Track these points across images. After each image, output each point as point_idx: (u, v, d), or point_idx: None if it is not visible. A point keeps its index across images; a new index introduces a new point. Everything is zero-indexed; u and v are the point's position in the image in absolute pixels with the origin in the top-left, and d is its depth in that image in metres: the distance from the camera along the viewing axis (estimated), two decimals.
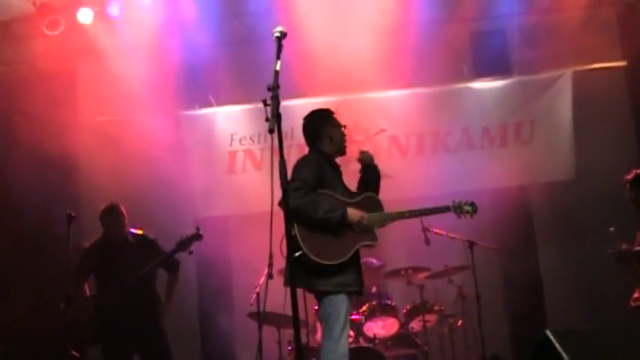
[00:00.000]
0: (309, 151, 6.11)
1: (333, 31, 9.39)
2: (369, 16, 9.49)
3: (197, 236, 7.61)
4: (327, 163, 5.98)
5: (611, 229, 6.88)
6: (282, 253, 5.54)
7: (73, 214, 7.37)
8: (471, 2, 10.10)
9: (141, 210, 8.55)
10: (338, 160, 6.23)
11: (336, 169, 6.13)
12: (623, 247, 6.70)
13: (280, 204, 4.96)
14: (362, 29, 9.43)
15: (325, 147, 6.08)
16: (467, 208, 6.36)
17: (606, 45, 9.86)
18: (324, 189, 5.79)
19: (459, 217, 6.35)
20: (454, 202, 6.32)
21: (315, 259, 5.53)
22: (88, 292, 7.87)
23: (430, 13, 9.84)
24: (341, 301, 5.65)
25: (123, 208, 7.86)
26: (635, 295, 7.05)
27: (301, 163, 5.90)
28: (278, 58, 4.39)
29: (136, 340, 7.58)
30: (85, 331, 7.64)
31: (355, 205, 5.84)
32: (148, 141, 9.60)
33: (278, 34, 4.54)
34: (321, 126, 6.11)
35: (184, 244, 7.59)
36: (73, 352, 7.80)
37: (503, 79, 9.98)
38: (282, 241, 5.21)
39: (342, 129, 6.14)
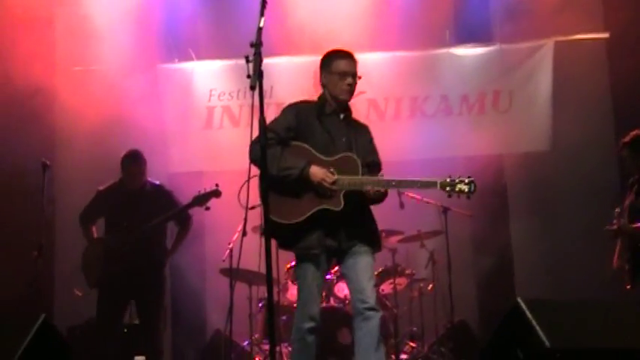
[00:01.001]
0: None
1: None
2: None
3: (216, 192, 7.59)
4: (316, 111, 5.59)
5: (617, 209, 6.90)
6: (239, 202, 5.61)
7: (47, 163, 7.34)
8: None
9: (115, 162, 8.50)
10: None
11: (334, 118, 5.63)
12: (623, 224, 6.73)
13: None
14: None
15: (323, 94, 5.71)
16: (462, 187, 5.50)
17: (589, 16, 9.84)
18: (301, 140, 5.48)
19: (450, 196, 5.54)
20: (450, 177, 5.51)
21: (272, 216, 5.22)
22: (94, 235, 7.88)
23: None
24: (304, 264, 5.49)
25: (144, 156, 7.82)
26: (614, 258, 7.08)
27: (280, 112, 5.64)
28: (262, 15, 4.35)
29: (136, 287, 7.57)
30: (90, 273, 7.63)
31: (327, 164, 5.39)
32: (124, 93, 9.51)
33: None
34: (320, 71, 5.72)
35: (201, 199, 7.59)
36: (76, 291, 7.85)
37: (484, 46, 9.94)
38: (240, 191, 5.26)
39: (339, 76, 5.57)
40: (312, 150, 5.45)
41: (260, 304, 8.39)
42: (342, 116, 5.66)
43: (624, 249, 6.92)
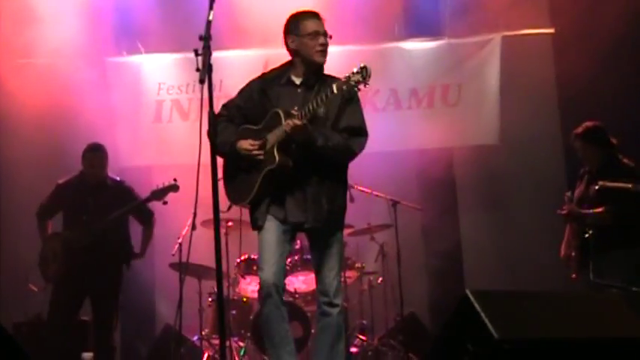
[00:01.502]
0: None
1: None
2: None
3: (173, 187, 7.52)
4: (269, 83, 5.30)
5: (568, 193, 6.98)
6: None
7: None
8: None
9: (62, 156, 8.39)
10: None
11: (289, 89, 5.29)
12: (573, 209, 6.82)
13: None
14: None
15: (291, 61, 5.39)
16: (356, 77, 5.06)
17: (536, 12, 9.96)
18: (255, 120, 5.23)
19: (350, 94, 5.24)
20: (344, 77, 5.09)
21: (233, 202, 5.29)
22: (49, 230, 7.76)
23: None
24: (260, 236, 5.19)
25: (106, 150, 7.72)
26: (562, 246, 7.18)
27: None
28: (211, 8, 4.34)
29: (93, 283, 7.48)
30: (47, 268, 7.52)
31: (256, 132, 5.16)
32: (71, 86, 9.40)
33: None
34: (286, 37, 5.36)
35: (159, 193, 7.51)
36: (31, 286, 7.74)
37: (433, 40, 10.00)
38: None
39: (310, 37, 5.25)
40: (250, 126, 5.23)
41: (210, 299, 8.36)
42: (298, 82, 5.29)
43: (572, 236, 7.02)
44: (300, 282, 8.30)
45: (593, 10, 9.24)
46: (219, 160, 5.03)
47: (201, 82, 4.29)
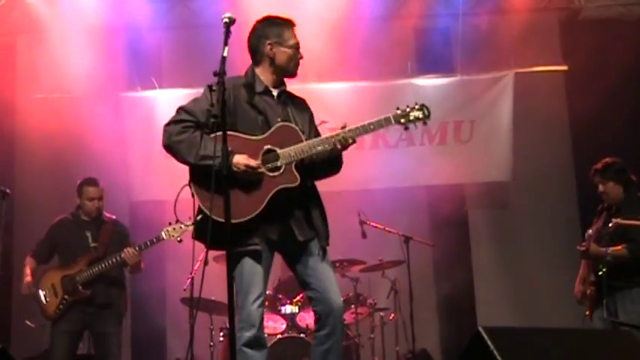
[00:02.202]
0: None
1: None
2: (316, 8, 9.50)
3: (158, 239, 7.42)
4: (246, 89, 4.86)
5: (589, 231, 6.95)
6: (175, 214, 5.20)
7: (7, 191, 7.23)
8: (417, 0, 10.16)
9: (76, 190, 8.42)
10: None
11: (267, 97, 4.90)
12: (592, 246, 6.79)
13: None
14: (308, 21, 9.34)
15: (256, 67, 4.97)
16: (416, 114, 4.99)
17: (548, 49, 10.03)
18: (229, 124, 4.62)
19: (407, 127, 4.99)
20: (399, 108, 4.99)
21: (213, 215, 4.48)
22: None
23: (376, 9, 9.89)
24: (240, 261, 4.71)
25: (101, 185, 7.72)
26: (576, 283, 7.14)
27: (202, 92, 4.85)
28: (226, 44, 4.33)
29: (94, 318, 7.44)
30: (46, 305, 7.46)
31: (259, 143, 4.72)
32: (86, 121, 9.47)
33: (227, 20, 4.34)
34: (263, 40, 4.94)
35: (143, 246, 7.44)
36: (28, 323, 7.68)
37: (446, 77, 10.04)
38: (175, 202, 5.10)
39: (294, 50, 4.93)
40: (240, 134, 4.73)
41: (222, 334, 8.34)
42: (275, 94, 4.92)
43: (588, 273, 6.98)
44: (312, 318, 8.24)
45: (605, 47, 9.31)
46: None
47: (215, 117, 4.28)
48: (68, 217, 7.66)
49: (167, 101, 9.98)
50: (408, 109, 4.94)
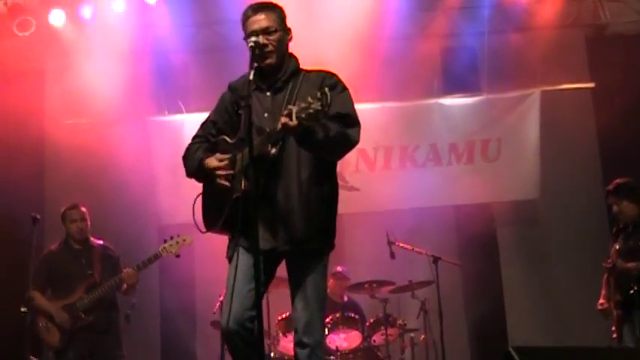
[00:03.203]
0: None
1: (305, 42, 9.32)
2: (342, 29, 9.53)
3: (157, 256, 7.42)
4: (239, 93, 4.60)
5: (616, 245, 6.95)
6: (195, 223, 4.82)
7: (37, 217, 7.28)
8: (442, 19, 10.18)
9: (105, 215, 8.49)
10: None
11: (259, 94, 4.59)
12: (618, 262, 6.80)
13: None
14: (334, 42, 9.46)
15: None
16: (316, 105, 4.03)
17: (575, 66, 10.00)
18: (230, 133, 4.64)
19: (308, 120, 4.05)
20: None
21: (206, 227, 4.67)
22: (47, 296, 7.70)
23: (402, 29, 9.91)
24: (228, 269, 4.55)
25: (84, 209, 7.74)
26: (601, 300, 7.14)
27: None
28: (251, 67, 4.34)
29: (96, 344, 7.46)
30: (49, 336, 7.48)
31: (230, 147, 4.57)
32: (115, 145, 9.56)
33: (252, 44, 4.38)
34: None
35: (142, 266, 7.45)
36: (32, 358, 7.65)
37: (472, 96, 10.03)
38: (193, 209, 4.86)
39: (249, 39, 4.45)
40: (227, 139, 4.62)
41: None
42: (266, 86, 4.56)
43: (614, 291, 6.95)
44: (342, 339, 8.23)
45: (632, 63, 9.27)
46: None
47: (242, 140, 4.27)
48: (58, 247, 7.67)
49: (194, 125, 9.87)
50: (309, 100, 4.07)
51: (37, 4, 9.75)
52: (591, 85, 10.00)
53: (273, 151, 4.32)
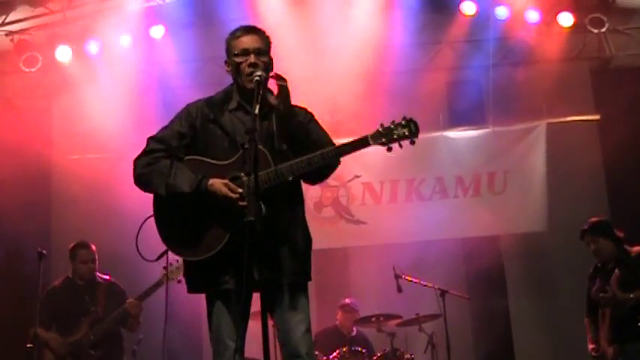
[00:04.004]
0: None
1: (310, 75, 9.42)
2: (348, 62, 9.59)
3: (159, 284, 7.39)
4: (216, 110, 4.52)
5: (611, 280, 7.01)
6: (138, 250, 4.88)
7: (43, 252, 7.28)
8: (448, 52, 10.24)
9: (112, 249, 8.47)
10: None
11: (239, 114, 4.50)
12: (617, 292, 6.84)
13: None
14: (339, 75, 9.51)
15: (230, 86, 4.61)
16: (401, 131, 4.33)
17: (580, 99, 10.03)
18: (199, 152, 4.45)
19: (390, 147, 4.40)
20: (382, 125, 4.40)
21: (176, 253, 4.45)
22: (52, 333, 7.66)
23: (407, 62, 9.97)
24: (217, 304, 4.48)
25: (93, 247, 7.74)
26: (591, 345, 7.21)
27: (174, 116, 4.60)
28: (257, 101, 4.32)
29: None
30: None
31: (223, 170, 4.34)
32: (121, 180, 9.54)
33: (258, 79, 4.29)
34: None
35: (144, 295, 7.44)
36: None
37: (478, 129, 10.05)
38: (137, 236, 4.83)
39: (237, 57, 4.45)
40: (206, 159, 4.41)
41: None
42: (257, 108, 4.14)
43: (608, 328, 6.98)
44: None
45: (637, 96, 9.28)
46: None
47: (248, 174, 4.24)
48: (62, 284, 7.65)
49: None
50: (392, 126, 4.35)
51: (43, 40, 9.82)
52: (597, 117, 10.03)
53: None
